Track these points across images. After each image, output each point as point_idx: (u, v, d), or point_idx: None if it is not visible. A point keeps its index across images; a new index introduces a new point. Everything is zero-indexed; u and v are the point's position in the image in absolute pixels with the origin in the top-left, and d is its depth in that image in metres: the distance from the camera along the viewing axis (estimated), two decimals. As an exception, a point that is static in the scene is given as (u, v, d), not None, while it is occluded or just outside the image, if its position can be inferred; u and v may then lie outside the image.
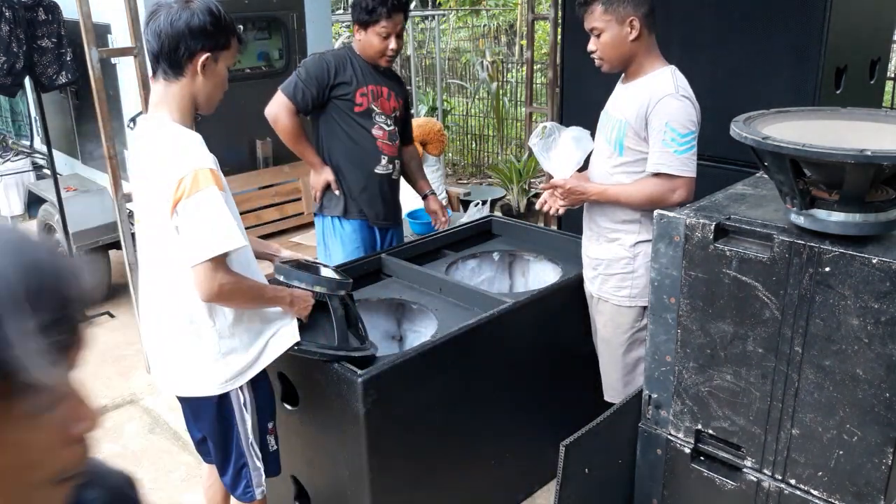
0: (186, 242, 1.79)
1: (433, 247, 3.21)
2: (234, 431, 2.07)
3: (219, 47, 1.87)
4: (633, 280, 2.41)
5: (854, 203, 1.55)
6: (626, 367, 2.53)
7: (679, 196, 2.24)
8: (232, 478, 2.14)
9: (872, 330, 1.54)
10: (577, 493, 1.99)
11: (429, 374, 2.34)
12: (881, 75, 3.69)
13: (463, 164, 8.42)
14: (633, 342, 2.48)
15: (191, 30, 1.80)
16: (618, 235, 2.43)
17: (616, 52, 2.30)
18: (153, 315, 2.05)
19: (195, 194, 1.76)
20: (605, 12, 2.25)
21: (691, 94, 2.29)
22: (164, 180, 1.80)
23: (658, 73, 2.32)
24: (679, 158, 2.23)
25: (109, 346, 4.27)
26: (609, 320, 2.52)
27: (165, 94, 1.88)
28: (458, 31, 11.62)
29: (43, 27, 3.90)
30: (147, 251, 1.99)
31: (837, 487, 1.69)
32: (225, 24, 1.87)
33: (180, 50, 1.81)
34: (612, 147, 2.38)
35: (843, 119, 1.79)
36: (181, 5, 1.82)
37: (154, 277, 1.99)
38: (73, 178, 4.85)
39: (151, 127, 1.90)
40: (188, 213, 1.77)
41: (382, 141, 3.10)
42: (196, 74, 1.85)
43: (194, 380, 2.00)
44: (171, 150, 1.82)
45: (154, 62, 1.86)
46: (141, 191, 1.96)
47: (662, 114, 2.23)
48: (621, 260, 2.43)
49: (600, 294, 2.52)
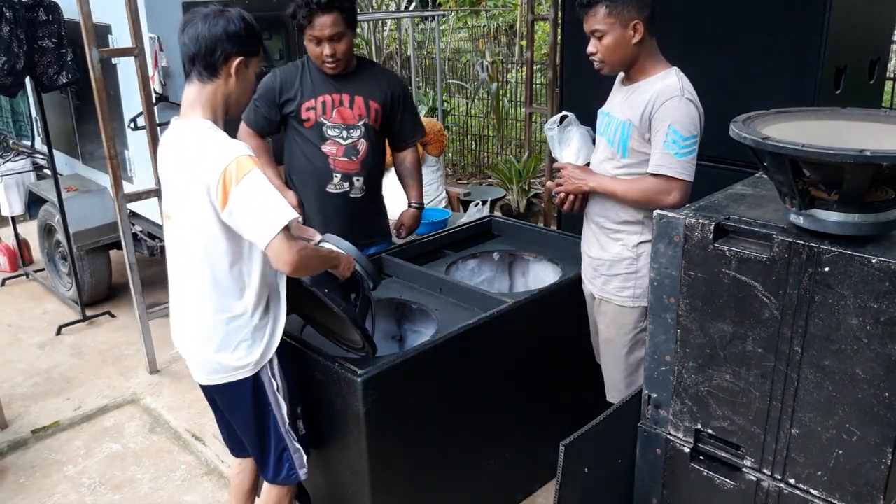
0: (252, 225, 1.89)
1: (433, 247, 3.21)
2: (271, 417, 2.16)
3: (250, 53, 2.01)
4: (637, 280, 2.41)
5: (853, 203, 1.55)
6: (630, 367, 2.52)
7: (674, 198, 2.24)
8: (274, 464, 2.22)
9: (872, 330, 1.54)
10: (577, 492, 1.99)
11: (429, 374, 2.34)
12: (881, 75, 3.69)
13: (463, 164, 8.42)
14: (637, 343, 2.47)
15: (227, 35, 1.95)
16: (620, 236, 2.42)
17: (618, 55, 2.29)
18: (187, 308, 2.11)
19: (243, 179, 1.86)
20: (609, 15, 2.23)
21: (696, 98, 2.28)
22: (207, 175, 1.89)
23: (663, 74, 2.31)
24: (679, 161, 2.23)
25: (109, 346, 4.28)
26: (612, 321, 2.52)
27: (199, 96, 1.99)
28: (458, 31, 11.62)
29: (43, 27, 3.90)
30: (179, 246, 2.07)
31: (837, 487, 1.69)
32: (256, 32, 2.03)
33: (217, 53, 1.95)
34: (615, 149, 2.38)
35: (843, 119, 1.79)
36: (218, 13, 1.96)
37: (188, 270, 2.06)
38: (73, 178, 4.85)
39: (185, 126, 2.00)
40: (243, 199, 1.87)
41: (336, 157, 2.87)
42: (229, 77, 1.99)
43: (231, 366, 2.08)
44: (208, 146, 1.92)
45: (189, 64, 1.98)
46: (174, 188, 2.03)
47: (666, 115, 2.23)
48: (624, 260, 2.43)
49: (602, 295, 2.51)
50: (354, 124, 2.88)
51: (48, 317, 4.69)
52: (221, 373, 2.10)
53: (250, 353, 2.08)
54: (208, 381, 2.15)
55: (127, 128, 4.03)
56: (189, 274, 2.06)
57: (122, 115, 4.07)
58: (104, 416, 3.63)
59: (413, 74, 7.48)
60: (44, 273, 5.09)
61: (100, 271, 4.63)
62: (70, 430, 3.52)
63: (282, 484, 2.27)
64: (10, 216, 5.15)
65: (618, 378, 2.57)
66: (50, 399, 3.75)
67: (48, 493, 3.08)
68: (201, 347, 2.10)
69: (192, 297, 2.08)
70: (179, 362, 4.07)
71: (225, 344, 2.06)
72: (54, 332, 4.44)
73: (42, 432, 3.48)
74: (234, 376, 2.10)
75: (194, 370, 2.18)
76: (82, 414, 3.61)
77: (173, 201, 2.05)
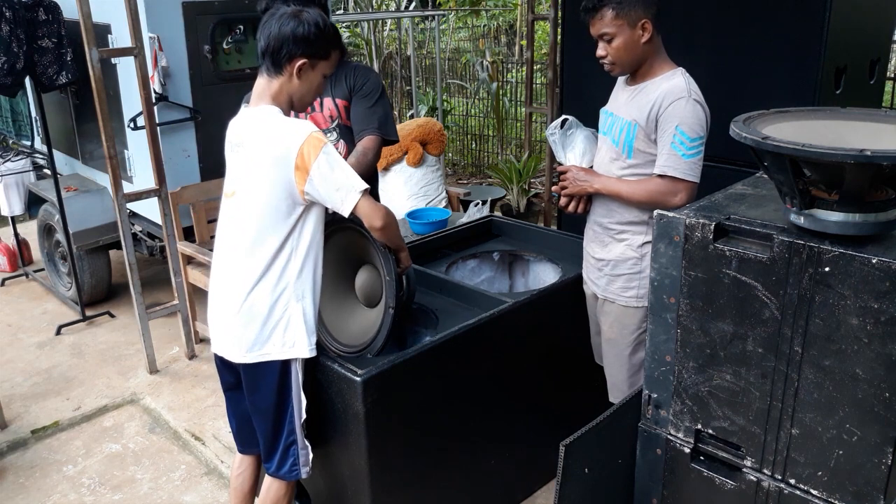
0: (337, 192, 2.03)
1: (433, 247, 3.21)
2: (290, 407, 2.20)
3: (316, 56, 2.12)
4: (640, 280, 2.40)
5: (854, 203, 1.55)
6: (633, 367, 2.52)
7: (680, 199, 2.23)
8: (280, 456, 2.25)
9: (872, 329, 1.54)
10: (577, 492, 1.99)
11: (429, 374, 2.34)
12: (881, 75, 3.69)
13: (463, 164, 8.42)
14: (640, 343, 2.47)
15: (295, 36, 2.06)
16: (626, 236, 2.42)
17: (630, 55, 2.27)
18: (234, 284, 2.16)
19: (320, 154, 2.01)
20: (617, 17, 2.21)
21: (702, 99, 2.27)
22: (283, 153, 2.02)
23: (670, 74, 2.30)
24: (686, 162, 2.22)
25: (109, 346, 4.28)
26: (615, 321, 2.51)
27: (267, 88, 2.13)
28: (458, 31, 11.62)
29: (43, 27, 3.91)
30: (236, 222, 2.16)
31: (837, 487, 1.69)
32: (327, 36, 2.12)
33: (282, 52, 2.07)
34: (620, 149, 2.37)
35: (843, 119, 1.79)
36: (293, 14, 2.09)
37: (243, 247, 2.14)
38: (73, 178, 4.85)
39: (256, 112, 2.13)
40: (322, 171, 2.02)
41: None
42: (292, 76, 2.11)
43: (272, 343, 2.14)
44: (282, 127, 2.07)
45: (261, 57, 2.13)
46: (242, 167, 2.15)
47: (674, 116, 2.22)
48: (629, 260, 2.42)
49: (606, 295, 2.51)
50: (329, 128, 2.86)
51: (48, 317, 4.69)
52: (258, 349, 2.15)
53: (290, 336, 2.15)
54: (244, 359, 2.17)
55: (127, 127, 4.03)
56: (243, 251, 2.14)
57: (122, 115, 4.07)
58: (104, 416, 3.63)
59: (413, 74, 7.48)
60: (43, 273, 5.09)
61: (99, 271, 4.63)
62: (70, 430, 3.52)
63: (282, 478, 2.29)
64: (10, 216, 5.15)
65: (621, 378, 2.56)
66: (49, 399, 3.75)
67: (48, 494, 3.08)
68: (247, 322, 2.14)
69: (244, 273, 2.14)
70: (179, 362, 4.08)
71: (270, 322, 2.13)
72: (54, 331, 4.44)
73: (42, 432, 3.48)
74: (270, 356, 2.15)
75: (229, 347, 2.20)
76: (82, 414, 3.61)
77: (238, 179, 2.16)
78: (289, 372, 2.18)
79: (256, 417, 2.28)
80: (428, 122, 5.61)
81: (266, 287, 2.12)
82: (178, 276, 3.98)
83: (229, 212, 2.20)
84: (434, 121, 5.81)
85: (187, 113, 4.01)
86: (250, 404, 2.28)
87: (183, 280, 4.01)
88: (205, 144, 4.10)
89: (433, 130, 5.52)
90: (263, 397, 2.21)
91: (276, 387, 2.18)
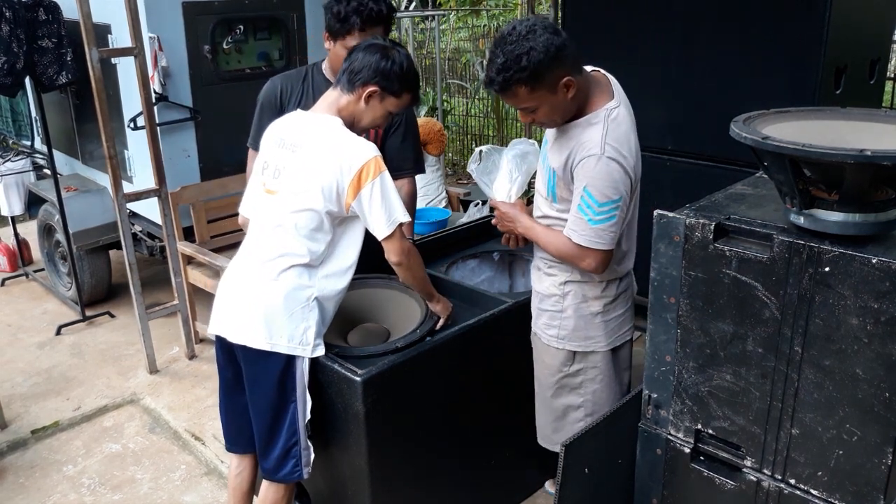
0: (378, 217, 2.13)
1: (433, 247, 3.21)
2: (293, 408, 2.21)
3: (388, 91, 2.21)
4: (562, 321, 2.27)
5: (854, 203, 1.55)
6: (555, 412, 2.40)
7: (588, 265, 2.09)
8: (278, 457, 2.24)
9: (872, 329, 1.54)
10: (577, 493, 1.99)
11: (429, 374, 2.34)
12: (881, 75, 3.69)
13: (463, 164, 8.42)
14: (562, 388, 2.35)
15: (376, 67, 2.18)
16: (553, 272, 2.28)
17: (560, 114, 2.06)
18: (261, 274, 2.19)
19: (378, 177, 2.11)
20: (533, 90, 1.97)
21: (624, 151, 2.02)
22: (343, 165, 2.10)
23: (591, 118, 2.06)
24: (592, 229, 2.03)
25: (109, 346, 4.28)
26: (538, 358, 2.41)
27: (336, 101, 2.22)
28: (458, 31, 11.62)
29: (43, 27, 3.91)
30: (274, 218, 2.19)
31: (837, 487, 1.69)
32: (405, 77, 2.21)
33: (360, 75, 2.18)
34: (545, 192, 2.24)
35: (843, 119, 1.79)
36: (385, 47, 2.22)
37: (281, 242, 2.18)
38: (73, 178, 4.85)
39: (317, 118, 2.21)
40: (373, 194, 2.11)
41: None
42: (361, 98, 2.20)
43: (284, 334, 2.16)
44: (348, 142, 2.15)
45: (341, 72, 2.23)
46: (291, 169, 2.18)
47: (582, 176, 2.02)
48: (552, 297, 2.28)
49: (534, 328, 2.39)
50: None
51: (48, 317, 4.69)
52: (266, 337, 2.15)
53: (302, 334, 2.18)
54: (251, 343, 2.16)
55: (127, 128, 4.03)
56: (279, 248, 2.17)
57: (122, 115, 4.07)
58: (104, 416, 3.63)
59: (413, 74, 7.47)
60: (43, 273, 5.09)
61: (99, 271, 4.63)
62: (70, 430, 3.52)
63: (280, 481, 2.28)
64: (10, 216, 5.15)
65: (543, 422, 2.46)
66: (49, 399, 3.75)
67: (48, 494, 3.08)
68: (264, 308, 2.16)
69: (275, 262, 2.17)
70: (179, 362, 4.08)
71: (286, 314, 2.15)
72: (54, 331, 4.44)
73: (42, 432, 3.48)
74: (277, 347, 2.16)
75: (237, 330, 2.20)
76: (82, 414, 3.62)
77: (284, 180, 2.19)
78: (292, 369, 2.18)
79: (255, 415, 2.27)
80: (428, 122, 5.61)
81: (294, 279, 2.16)
82: (178, 276, 3.98)
83: (268, 207, 2.22)
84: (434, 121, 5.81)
85: (187, 113, 4.01)
86: (250, 400, 2.27)
87: (183, 280, 4.01)
88: (205, 144, 4.10)
89: (433, 130, 5.52)
90: (263, 392, 2.20)
91: (276, 382, 2.18)
